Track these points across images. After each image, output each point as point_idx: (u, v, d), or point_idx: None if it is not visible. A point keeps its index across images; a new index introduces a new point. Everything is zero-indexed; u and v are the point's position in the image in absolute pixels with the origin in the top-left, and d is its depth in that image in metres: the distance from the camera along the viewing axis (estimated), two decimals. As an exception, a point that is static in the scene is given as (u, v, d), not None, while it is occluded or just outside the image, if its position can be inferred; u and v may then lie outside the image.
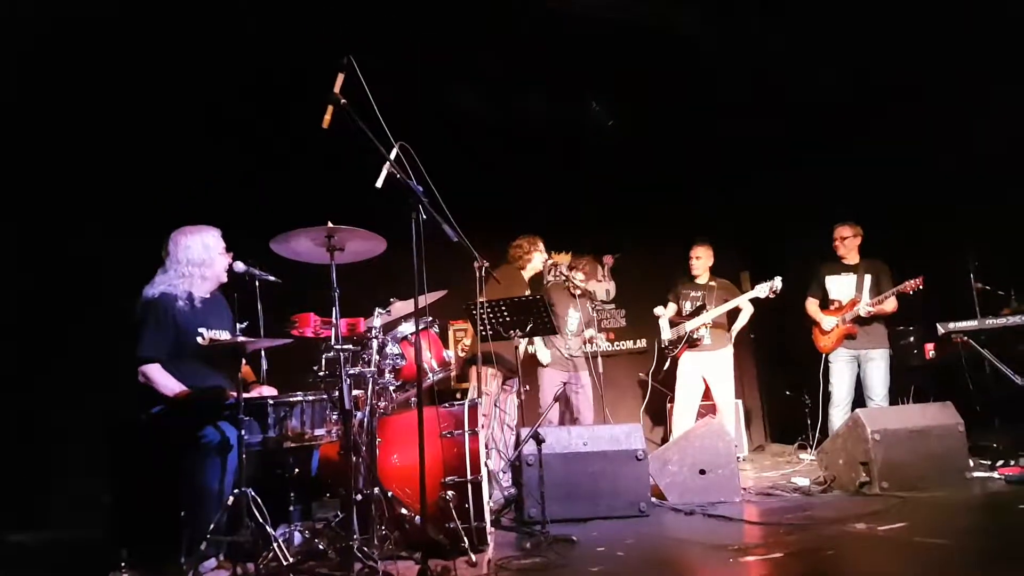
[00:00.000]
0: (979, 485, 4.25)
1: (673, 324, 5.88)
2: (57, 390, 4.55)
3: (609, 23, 5.36)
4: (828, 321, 5.45)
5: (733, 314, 5.92)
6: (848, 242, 5.47)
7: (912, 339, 5.78)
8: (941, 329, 4.88)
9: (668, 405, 6.18)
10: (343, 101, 2.59)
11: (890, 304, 5.22)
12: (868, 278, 5.37)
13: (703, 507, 4.01)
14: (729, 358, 5.75)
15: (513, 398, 4.93)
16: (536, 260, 5.28)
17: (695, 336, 5.63)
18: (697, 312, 5.69)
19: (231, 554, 2.90)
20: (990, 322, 4.80)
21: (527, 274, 5.30)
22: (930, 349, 5.58)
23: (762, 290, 5.52)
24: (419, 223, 2.76)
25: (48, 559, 3.90)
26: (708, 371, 5.70)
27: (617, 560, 3.08)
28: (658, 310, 6.02)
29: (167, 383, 3.16)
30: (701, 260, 5.81)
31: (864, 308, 5.21)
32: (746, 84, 5.96)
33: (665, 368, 5.96)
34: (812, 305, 5.60)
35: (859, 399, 5.35)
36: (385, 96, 2.70)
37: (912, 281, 5.05)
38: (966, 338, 4.83)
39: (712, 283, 5.79)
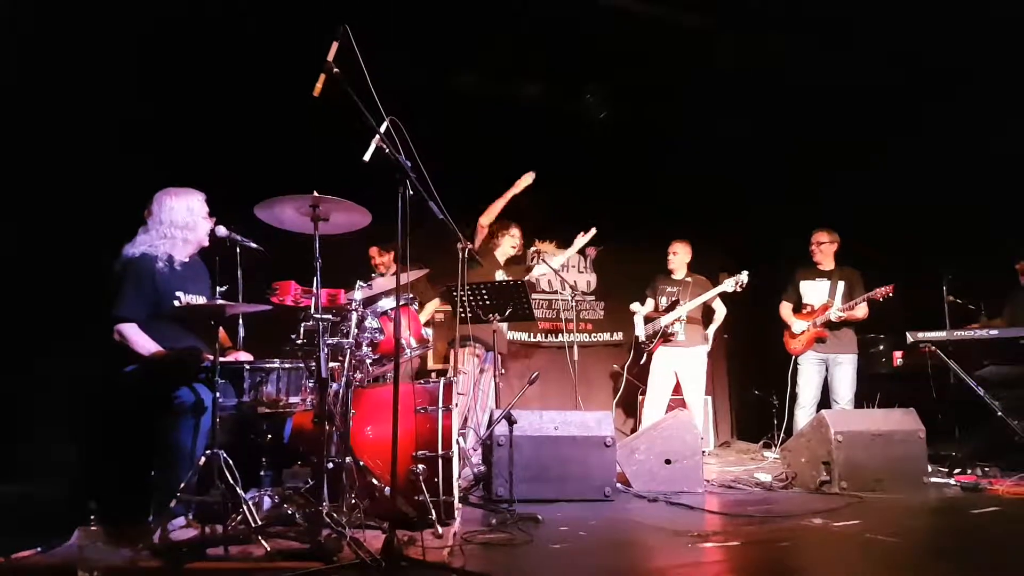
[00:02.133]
0: (935, 490, 4.38)
1: (649, 320, 5.96)
2: (29, 346, 4.52)
3: (611, 11, 5.36)
4: (799, 324, 5.57)
5: (709, 314, 6.02)
6: (825, 248, 5.60)
7: (882, 347, 5.94)
8: (910, 338, 5.01)
9: (640, 398, 6.27)
10: (336, 70, 2.61)
11: (861, 310, 5.34)
12: (841, 284, 5.49)
13: (667, 495, 4.10)
14: (702, 356, 5.85)
15: (489, 379, 4.99)
16: (505, 244, 5.30)
17: (669, 331, 5.71)
18: (672, 307, 5.78)
19: (200, 514, 2.91)
20: (958, 334, 4.93)
21: (499, 257, 5.31)
22: (898, 357, 5.73)
23: (728, 284, 5.63)
24: (406, 199, 2.77)
25: (14, 512, 3.88)
26: (680, 367, 5.80)
27: (579, 539, 3.16)
28: (634, 306, 6.12)
29: (143, 343, 3.17)
30: (678, 256, 5.91)
31: (835, 313, 5.34)
32: (743, 83, 6.02)
33: (641, 362, 6.04)
34: (785, 308, 5.72)
35: (825, 402, 5.48)
36: (378, 72, 2.72)
37: (883, 288, 5.19)
38: (933, 348, 4.96)
39: (688, 279, 5.88)
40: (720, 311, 5.96)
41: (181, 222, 3.33)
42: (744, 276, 5.59)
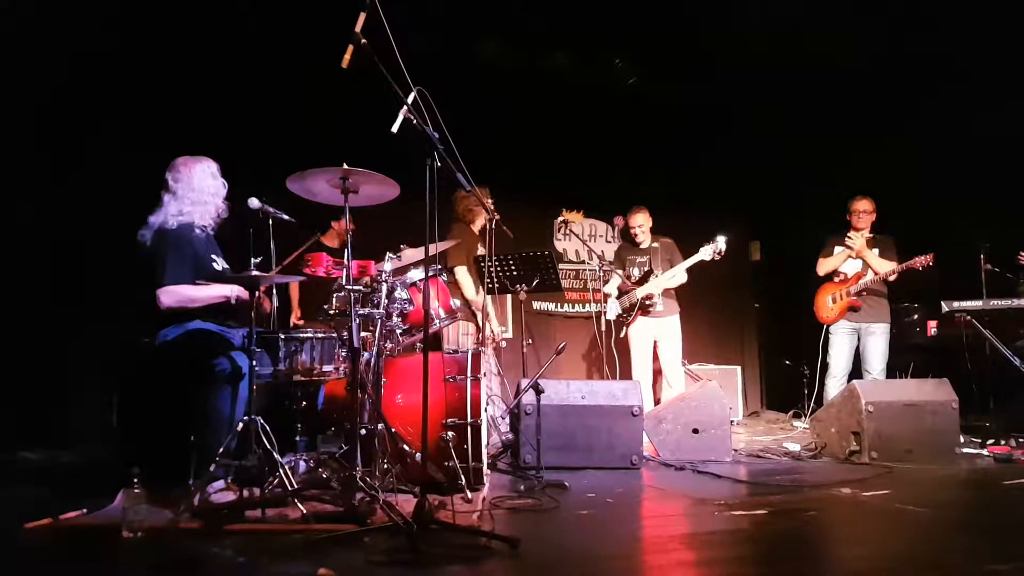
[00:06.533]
0: (967, 461, 4.34)
1: (624, 292, 5.65)
2: (76, 316, 4.66)
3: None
4: (827, 264, 5.49)
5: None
6: (864, 218, 5.44)
7: (916, 316, 5.84)
8: (945, 307, 4.92)
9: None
10: (363, 41, 2.60)
11: (886, 266, 5.23)
12: (875, 252, 5.38)
13: (694, 464, 4.12)
14: (678, 324, 5.60)
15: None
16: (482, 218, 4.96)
17: (648, 303, 5.46)
18: (645, 277, 5.53)
19: (238, 478, 3.00)
20: (994, 303, 4.83)
21: (475, 228, 5.06)
22: (932, 327, 5.63)
23: (705, 253, 5.34)
24: (433, 170, 2.76)
25: (62, 475, 4.05)
26: (659, 335, 5.59)
27: (606, 506, 3.21)
28: (608, 288, 5.74)
29: (199, 293, 3.22)
30: (643, 227, 5.63)
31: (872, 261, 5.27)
32: (762, 47, 5.88)
33: (622, 335, 5.68)
34: (824, 264, 5.58)
35: (857, 372, 5.42)
36: (406, 42, 2.71)
37: (922, 257, 5.06)
38: (969, 317, 4.86)
39: (655, 244, 5.60)
40: (679, 277, 5.52)
41: (212, 188, 3.40)
42: (721, 243, 5.29)
